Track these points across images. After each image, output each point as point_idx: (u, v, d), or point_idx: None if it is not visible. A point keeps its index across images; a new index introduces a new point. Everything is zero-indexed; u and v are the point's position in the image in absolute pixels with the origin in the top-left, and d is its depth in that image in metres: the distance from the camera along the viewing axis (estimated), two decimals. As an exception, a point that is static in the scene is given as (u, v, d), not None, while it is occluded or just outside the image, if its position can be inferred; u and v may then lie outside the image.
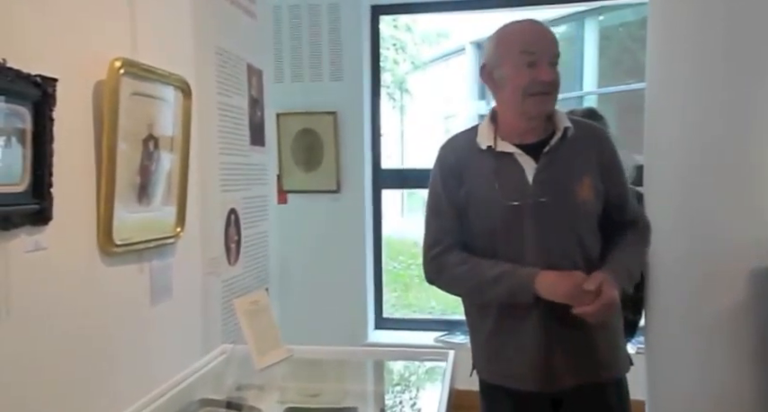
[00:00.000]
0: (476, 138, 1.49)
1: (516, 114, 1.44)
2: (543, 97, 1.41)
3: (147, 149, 1.45)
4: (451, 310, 5.77)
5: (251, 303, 1.65)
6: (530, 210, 1.41)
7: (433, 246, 1.52)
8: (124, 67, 1.31)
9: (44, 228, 1.13)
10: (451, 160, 1.51)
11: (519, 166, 1.44)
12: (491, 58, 1.46)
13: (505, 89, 1.44)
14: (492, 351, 1.50)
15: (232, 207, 2.04)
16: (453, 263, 1.48)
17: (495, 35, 1.47)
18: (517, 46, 1.40)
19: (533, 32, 1.42)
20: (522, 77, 1.39)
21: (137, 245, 1.42)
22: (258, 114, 2.30)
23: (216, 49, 1.93)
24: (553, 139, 1.44)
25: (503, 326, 1.47)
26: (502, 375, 1.49)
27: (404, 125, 8.88)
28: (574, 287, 1.35)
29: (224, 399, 1.62)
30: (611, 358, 1.48)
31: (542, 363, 1.42)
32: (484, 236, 1.46)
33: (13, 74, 1.03)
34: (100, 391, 1.31)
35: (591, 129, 1.52)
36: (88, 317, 1.28)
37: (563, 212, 1.42)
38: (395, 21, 7.29)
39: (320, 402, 1.60)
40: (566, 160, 1.44)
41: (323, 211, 3.31)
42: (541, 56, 1.39)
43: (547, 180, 1.42)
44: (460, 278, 1.48)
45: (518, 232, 1.42)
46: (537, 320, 1.42)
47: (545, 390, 1.44)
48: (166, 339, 1.59)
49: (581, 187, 1.43)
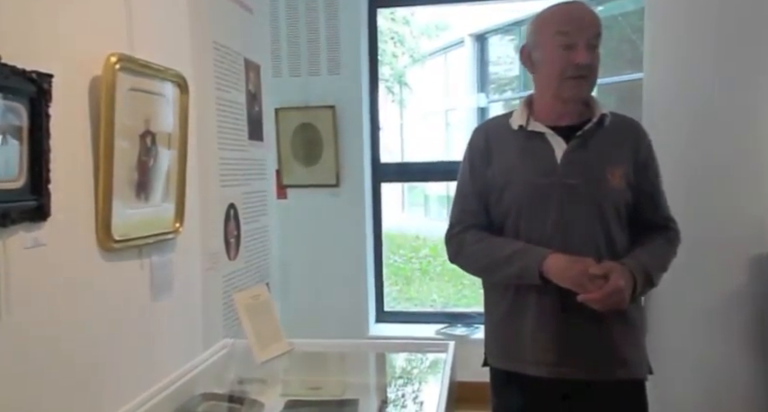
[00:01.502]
0: (508, 120, 1.48)
1: (552, 97, 1.42)
2: (579, 81, 1.38)
3: (145, 145, 1.45)
4: (453, 303, 5.80)
5: (251, 297, 1.66)
6: (556, 190, 1.38)
7: (454, 226, 1.51)
8: (120, 63, 1.31)
9: (42, 224, 1.14)
10: (481, 141, 1.50)
11: (549, 146, 1.42)
12: (530, 40, 1.44)
13: (542, 71, 1.43)
14: (506, 331, 1.47)
15: (231, 202, 2.04)
16: (471, 241, 1.47)
17: (535, 16, 1.45)
18: (552, 26, 1.38)
19: (570, 13, 1.38)
20: (558, 60, 1.37)
21: (136, 240, 1.42)
22: (256, 109, 2.30)
23: (213, 43, 1.93)
24: (588, 124, 1.41)
25: (518, 307, 1.43)
26: (514, 359, 1.45)
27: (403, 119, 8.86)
28: (581, 273, 1.31)
29: (226, 393, 1.63)
30: (629, 356, 1.41)
31: (555, 348, 1.38)
32: (509, 214, 1.44)
33: (8, 70, 1.03)
34: (102, 387, 1.32)
35: (632, 125, 1.48)
36: (89, 314, 1.28)
37: (590, 196, 1.38)
38: (392, 14, 7.26)
39: (322, 395, 1.61)
40: (599, 146, 1.40)
41: (323, 206, 3.31)
42: (578, 37, 1.36)
43: (576, 161, 1.39)
44: (475, 256, 1.47)
45: (542, 211, 1.39)
46: (552, 305, 1.38)
47: (556, 376, 1.40)
48: (167, 334, 1.60)
49: (612, 175, 1.39)
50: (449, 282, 6.36)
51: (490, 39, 6.68)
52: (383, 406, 1.61)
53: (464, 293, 5.93)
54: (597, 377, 1.40)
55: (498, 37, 6.64)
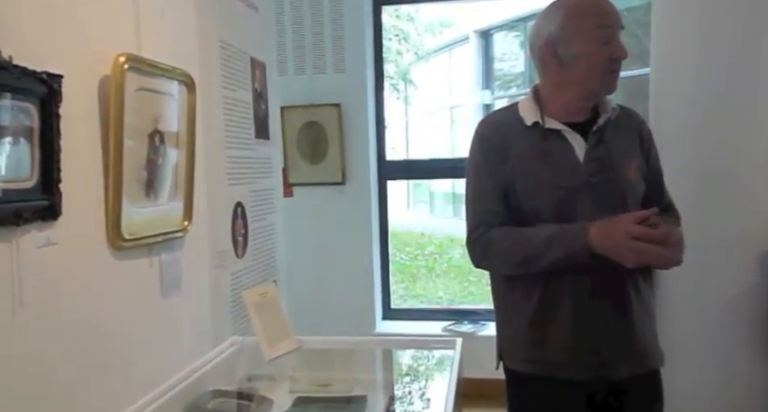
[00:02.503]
0: (518, 115, 1.42)
1: (582, 93, 1.37)
2: (614, 74, 1.35)
3: (153, 144, 1.46)
4: (459, 300, 5.81)
5: (260, 295, 1.67)
6: (582, 191, 1.35)
7: (476, 228, 1.41)
8: (128, 63, 1.32)
9: (54, 223, 1.15)
10: (494, 137, 1.42)
11: (568, 145, 1.38)
12: (558, 34, 1.35)
13: (575, 67, 1.35)
14: (536, 334, 1.38)
15: (238, 200, 2.05)
16: (498, 238, 1.38)
17: (561, 7, 1.36)
18: (591, 20, 1.32)
19: (604, 4, 1.33)
20: (600, 55, 1.32)
21: (145, 239, 1.43)
22: (263, 107, 2.31)
23: (219, 42, 1.94)
24: (601, 119, 1.39)
25: (544, 309, 1.37)
26: (542, 363, 1.38)
27: (408, 116, 8.86)
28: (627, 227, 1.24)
29: (235, 390, 1.64)
30: (653, 347, 1.41)
31: (587, 349, 1.34)
32: (532, 215, 1.38)
33: (19, 71, 1.04)
34: (112, 384, 1.33)
35: (631, 114, 1.48)
36: (100, 311, 1.30)
37: (614, 192, 1.36)
38: (397, 11, 7.26)
39: (330, 392, 1.62)
40: (613, 140, 1.39)
41: (329, 204, 3.32)
42: (615, 30, 1.32)
43: (598, 159, 1.37)
44: (508, 251, 1.37)
45: (570, 213, 1.34)
46: (578, 304, 1.34)
47: (589, 379, 1.34)
48: (177, 332, 1.61)
49: (630, 167, 1.38)
50: (455, 278, 6.36)
51: (495, 35, 6.66)
52: (391, 402, 1.61)
53: (470, 290, 5.93)
54: (627, 373, 1.36)
55: (503, 33, 6.63)
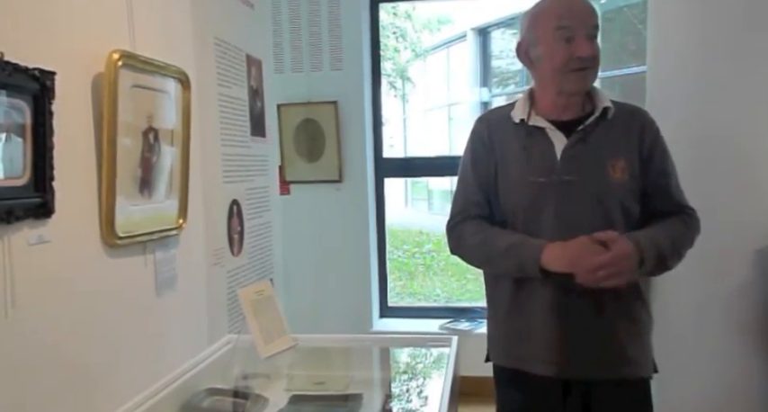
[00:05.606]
0: (511, 112, 1.46)
1: (554, 92, 1.40)
2: (582, 73, 1.36)
3: (148, 142, 1.45)
4: (456, 298, 5.81)
5: (255, 293, 1.66)
6: (554, 188, 1.36)
7: (456, 216, 1.49)
8: (123, 60, 1.31)
9: (47, 221, 1.14)
10: (483, 131, 1.48)
11: (549, 141, 1.39)
12: (526, 37, 1.41)
13: (542, 67, 1.40)
14: (508, 329, 1.44)
15: (234, 198, 2.05)
16: (470, 232, 1.44)
17: (529, 11, 1.42)
18: (552, 21, 1.35)
19: (567, 5, 1.37)
20: (560, 54, 1.34)
21: (140, 237, 1.43)
22: (258, 105, 2.30)
23: (214, 39, 1.93)
24: (590, 118, 1.39)
25: (519, 304, 1.41)
26: (517, 357, 1.43)
27: (406, 114, 8.85)
28: (580, 245, 1.27)
29: (231, 388, 1.63)
30: (634, 354, 1.38)
31: (560, 346, 1.36)
32: (509, 211, 1.42)
33: (11, 68, 1.03)
34: (107, 382, 1.33)
35: (637, 113, 1.44)
36: (93, 310, 1.29)
37: (590, 192, 1.35)
38: (394, 8, 7.25)
39: (326, 390, 1.61)
40: (600, 140, 1.38)
41: (326, 201, 3.31)
42: (578, 29, 1.34)
43: (575, 157, 1.37)
44: (474, 248, 1.45)
45: (539, 212, 1.37)
46: (554, 301, 1.35)
47: (561, 375, 1.37)
48: (172, 330, 1.60)
49: (613, 168, 1.36)
50: (452, 276, 6.36)
51: (492, 32, 6.65)
52: (387, 400, 1.61)
53: (467, 288, 5.93)
54: (602, 375, 1.37)
55: (501, 31, 6.62)
